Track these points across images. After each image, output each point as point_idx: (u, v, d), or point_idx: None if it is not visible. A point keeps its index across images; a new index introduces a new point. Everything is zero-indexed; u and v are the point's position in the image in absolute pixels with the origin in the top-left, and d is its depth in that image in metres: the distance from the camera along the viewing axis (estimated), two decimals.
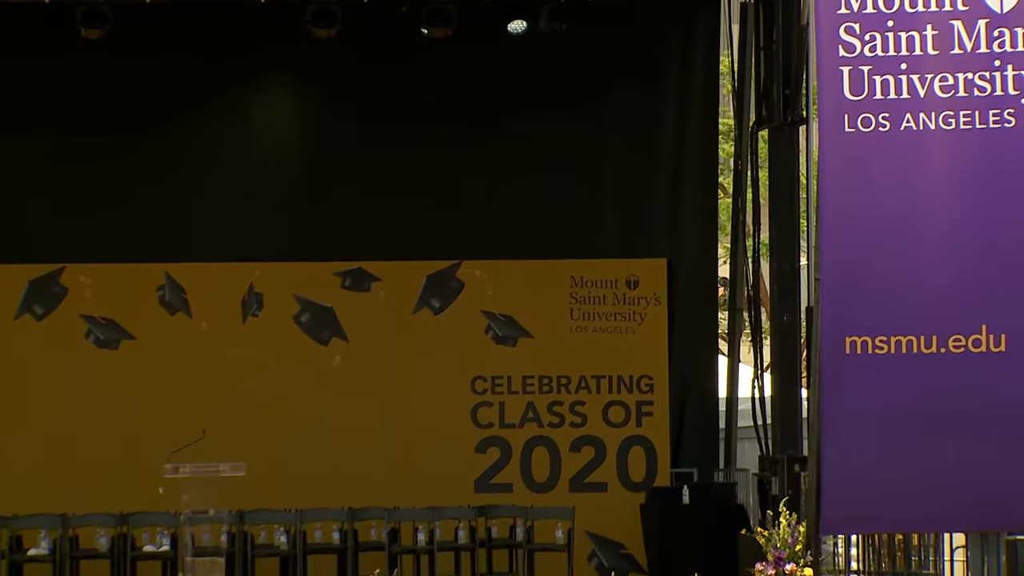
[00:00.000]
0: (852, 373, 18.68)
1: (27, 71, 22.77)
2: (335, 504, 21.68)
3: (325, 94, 23.58)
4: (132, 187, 23.09)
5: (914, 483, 18.68)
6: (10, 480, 22.13)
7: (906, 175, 18.76)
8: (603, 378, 23.60)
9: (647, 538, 22.43)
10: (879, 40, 18.78)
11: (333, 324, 23.50)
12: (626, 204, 23.83)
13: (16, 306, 23.10)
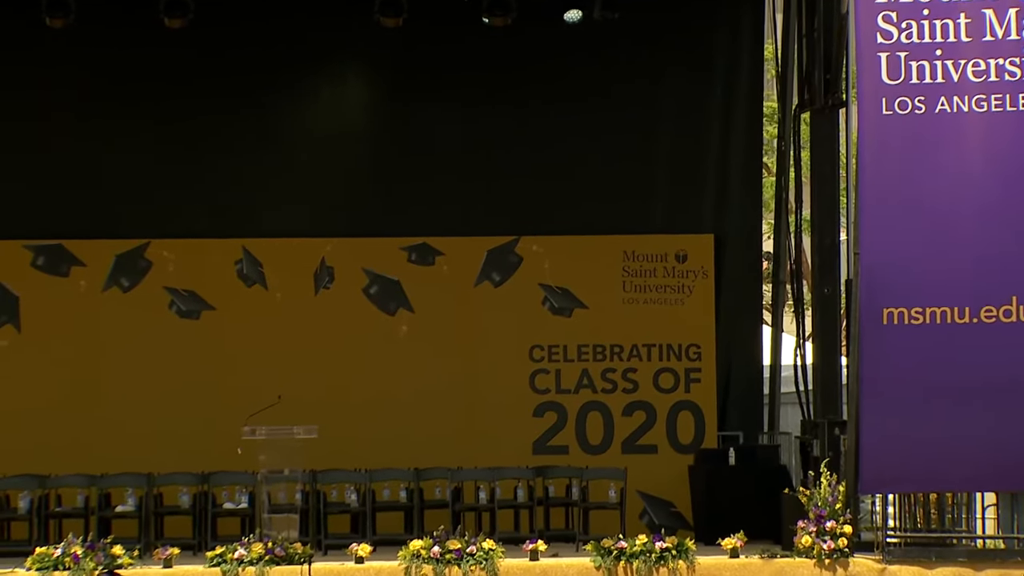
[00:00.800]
0: (889, 342, 18.66)
1: (112, 60, 22.90)
2: (402, 464, 21.71)
3: (392, 79, 23.63)
4: (212, 167, 23.20)
5: (948, 445, 18.65)
6: (98, 441, 22.30)
7: (941, 155, 18.72)
8: (653, 347, 23.62)
9: (695, 497, 22.46)
10: (915, 27, 18.74)
11: (400, 296, 23.56)
12: (675, 183, 23.83)
13: (104, 279, 23.24)
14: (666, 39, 23.44)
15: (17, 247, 23.15)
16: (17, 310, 23.16)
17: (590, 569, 19.06)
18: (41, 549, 19.05)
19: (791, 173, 23.28)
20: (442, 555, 18.93)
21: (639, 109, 23.52)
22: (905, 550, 19.50)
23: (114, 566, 18.02)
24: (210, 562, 18.90)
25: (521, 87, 23.30)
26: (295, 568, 18.56)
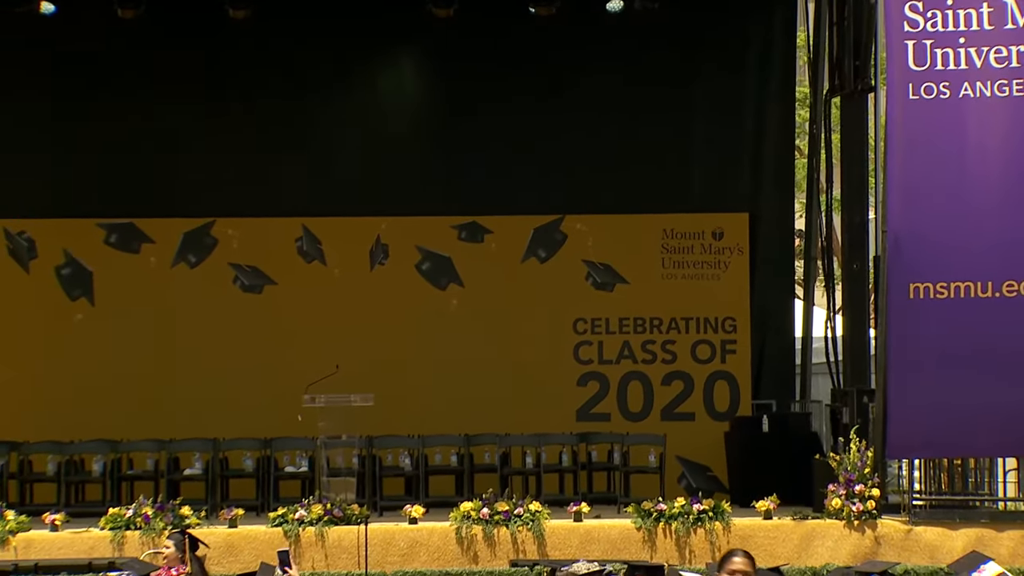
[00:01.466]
0: (916, 315, 18.63)
1: (181, 50, 22.93)
2: (453, 431, 21.75)
3: (444, 67, 23.65)
4: (274, 150, 23.24)
5: (972, 413, 18.61)
6: (167, 409, 22.41)
7: (965, 137, 18.67)
8: (691, 319, 23.63)
9: (730, 462, 22.47)
10: (939, 17, 18.69)
11: (451, 271, 23.61)
12: (712, 164, 23.83)
13: (173, 255, 23.37)
14: (703, 29, 23.41)
15: (91, 225, 23.28)
16: (91, 285, 23.29)
17: (631, 530, 19.08)
18: (114, 510, 19.15)
19: (822, 155, 23.25)
20: (491, 516, 18.98)
21: (678, 94, 23.52)
22: (930, 512, 19.48)
23: (183, 526, 18.09)
24: (272, 522, 18.98)
25: (565, 74, 23.30)
26: (352, 528, 18.61)
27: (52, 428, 21.94)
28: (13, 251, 23.23)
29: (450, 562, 18.77)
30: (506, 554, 18.81)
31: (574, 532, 19.07)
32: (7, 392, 22.60)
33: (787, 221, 24.57)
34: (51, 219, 23.23)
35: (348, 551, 18.47)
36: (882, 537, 18.93)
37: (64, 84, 23.09)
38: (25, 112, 23.05)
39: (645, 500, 19.39)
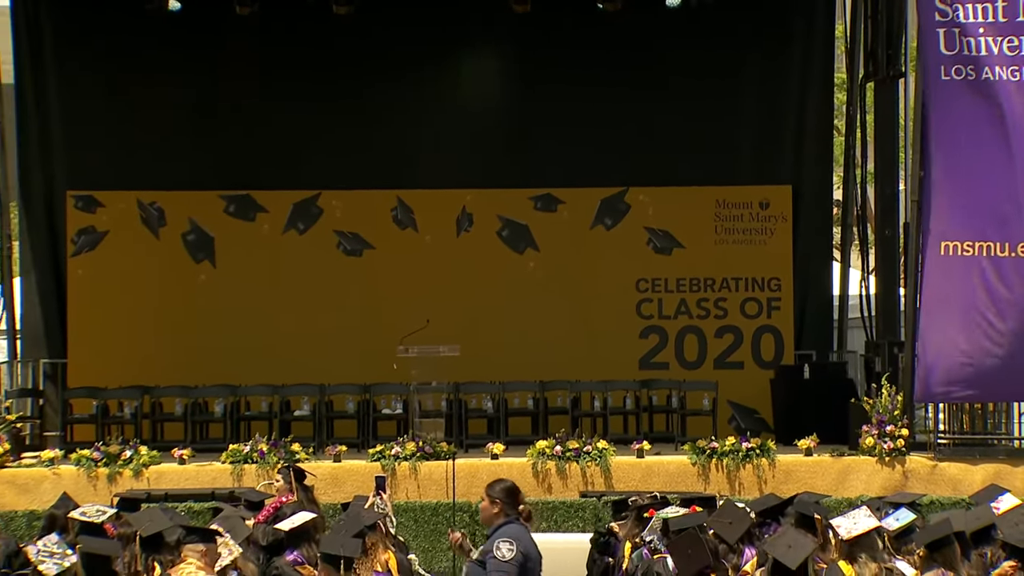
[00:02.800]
0: (945, 271, 18.57)
1: (292, 41, 22.99)
2: (529, 377, 21.80)
3: (522, 56, 23.61)
4: (373, 130, 23.21)
5: (991, 362, 18.53)
6: (280, 358, 22.48)
7: (986, 114, 18.61)
8: (740, 279, 23.56)
9: (775, 406, 22.42)
10: (961, 9, 18.66)
11: (527, 237, 23.60)
12: (759, 143, 23.69)
13: (284, 223, 23.43)
14: (751, 22, 23.26)
15: (213, 197, 23.39)
16: (213, 249, 23.41)
17: (687, 465, 19.12)
18: (233, 446, 19.36)
19: (857, 134, 23.13)
20: (563, 453, 19.05)
21: (728, 80, 23.37)
22: (953, 449, 19.44)
23: (293, 461, 18.21)
24: (371, 457, 19.13)
25: (629, 63, 23.19)
26: (441, 463, 18.73)
27: (179, 374, 22.15)
28: (145, 220, 23.35)
29: (527, 493, 18.43)
30: (576, 486, 18.89)
31: (636, 467, 19.14)
32: (140, 343, 22.77)
33: (826, 193, 24.45)
34: (178, 191, 23.31)
35: (437, 483, 18.59)
36: (910, 472, 18.92)
37: (189, 74, 23.17)
38: (156, 98, 23.14)
39: (699, 439, 19.45)
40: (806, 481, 18.64)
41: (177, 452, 19.42)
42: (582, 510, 18.04)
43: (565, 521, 18.15)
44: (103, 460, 18.97)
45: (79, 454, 19.21)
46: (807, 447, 19.34)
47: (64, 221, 23.28)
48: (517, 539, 10.63)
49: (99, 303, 23.10)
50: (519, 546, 10.59)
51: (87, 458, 19.02)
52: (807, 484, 18.36)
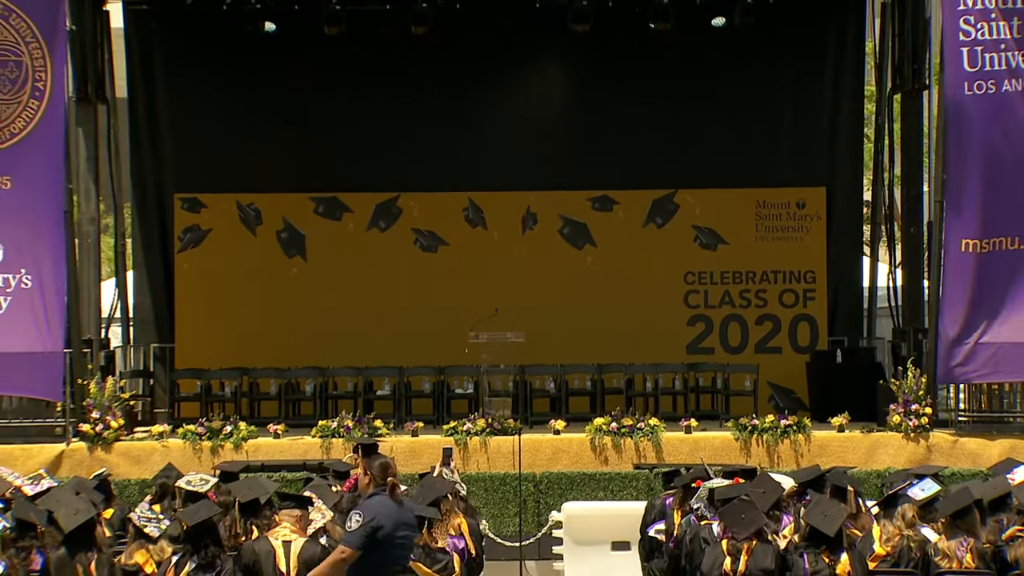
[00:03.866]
0: (965, 265, 18.47)
1: (373, 59, 23.03)
2: (588, 361, 21.85)
3: (581, 70, 23.59)
4: (447, 137, 23.27)
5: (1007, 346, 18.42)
6: (364, 343, 22.58)
7: (1006, 123, 18.49)
8: (779, 272, 23.49)
9: (811, 386, 22.33)
10: (985, 28, 18.52)
11: (586, 235, 23.61)
12: (797, 149, 23.62)
13: (367, 221, 23.51)
14: (789, 40, 23.19)
15: (304, 198, 23.50)
16: (304, 245, 23.52)
17: (730, 440, 19.06)
18: (322, 422, 19.41)
19: (885, 141, 23.01)
20: (618, 429, 19.03)
21: (768, 92, 23.31)
22: (972, 426, 19.31)
23: (376, 435, 18.27)
24: (445, 432, 19.13)
25: (678, 76, 23.15)
26: (508, 438, 18.73)
27: (274, 358, 22.29)
28: (243, 219, 23.50)
29: (585, 465, 18.84)
30: (630, 459, 18.87)
31: (684, 441, 19.09)
32: (240, 329, 22.90)
33: (857, 194, 24.35)
34: (273, 193, 23.46)
35: (505, 456, 18.59)
36: (933, 446, 18.81)
37: (282, 88, 23.25)
38: (253, 110, 23.27)
39: (742, 417, 19.39)
40: (838, 455, 18.57)
41: (272, 427, 19.50)
42: (636, 480, 18.01)
43: (621, 490, 18.13)
44: (206, 434, 19.08)
45: (185, 429, 19.32)
46: (839, 424, 19.25)
47: (172, 221, 23.47)
48: (369, 510, 10.69)
49: (203, 294, 23.28)
50: (367, 516, 10.65)
51: (192, 432, 19.14)
52: (839, 458, 18.31)
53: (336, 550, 10.72)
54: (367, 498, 10.94)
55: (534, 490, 18.18)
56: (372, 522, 10.62)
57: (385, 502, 10.78)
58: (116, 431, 18.96)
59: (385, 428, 19.12)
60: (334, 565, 10.64)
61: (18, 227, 18.47)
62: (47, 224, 18.56)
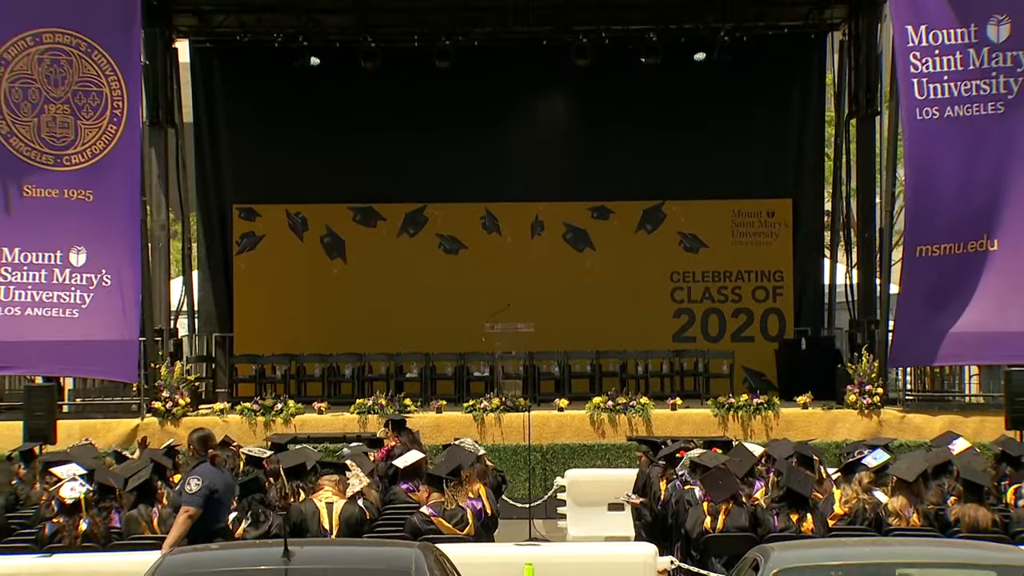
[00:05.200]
0: (911, 267, 18.46)
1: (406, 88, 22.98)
2: (587, 348, 21.86)
3: (582, 98, 23.59)
4: (467, 157, 23.25)
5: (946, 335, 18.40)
6: (395, 332, 22.53)
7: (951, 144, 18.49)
8: (752, 272, 23.51)
9: (779, 370, 22.35)
10: (929, 62, 18.49)
11: (586, 239, 23.62)
12: (768, 165, 23.63)
13: (397, 228, 23.54)
14: (761, 73, 23.10)
15: (344, 208, 23.54)
16: (344, 249, 23.56)
17: (710, 416, 19.11)
18: (359, 400, 19.51)
19: (843, 159, 22.97)
20: (613, 406, 19.08)
21: (743, 118, 23.26)
22: (917, 404, 19.37)
23: (404, 412, 18.30)
24: (465, 410, 19.20)
25: (665, 103, 23.12)
26: (519, 414, 18.77)
27: (318, 345, 22.31)
28: (292, 226, 23.54)
29: (585, 438, 18.90)
30: (624, 432, 18.92)
31: (671, 417, 19.13)
32: (289, 321, 22.92)
33: (819, 205, 24.34)
34: (317, 204, 23.49)
35: (516, 429, 18.65)
36: (884, 421, 18.84)
37: (326, 113, 23.27)
38: (300, 131, 23.29)
39: (720, 396, 19.43)
40: (803, 429, 18.60)
41: (316, 405, 19.58)
42: (628, 451, 18.01)
43: (616, 459, 18.18)
44: (260, 411, 19.15)
45: (242, 406, 19.39)
46: (804, 402, 19.28)
47: (231, 227, 23.53)
48: (203, 475, 10.75)
49: (257, 290, 23.32)
50: (204, 480, 10.70)
51: (248, 409, 19.20)
52: (804, 431, 18.33)
53: (182, 510, 10.73)
54: (195, 466, 11.02)
55: (541, 459, 18.22)
56: (209, 484, 10.69)
57: (212, 469, 10.87)
58: (183, 408, 19.05)
59: (413, 406, 19.19)
60: (183, 524, 10.67)
61: (99, 234, 18.54)
62: (124, 231, 18.62)
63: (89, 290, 18.50)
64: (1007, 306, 18.20)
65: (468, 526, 11.73)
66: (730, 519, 11.69)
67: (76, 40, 18.61)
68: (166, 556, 8.01)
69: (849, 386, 19.02)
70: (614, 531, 15.54)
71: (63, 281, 18.43)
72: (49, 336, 18.33)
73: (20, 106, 18.57)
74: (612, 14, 21.96)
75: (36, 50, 18.58)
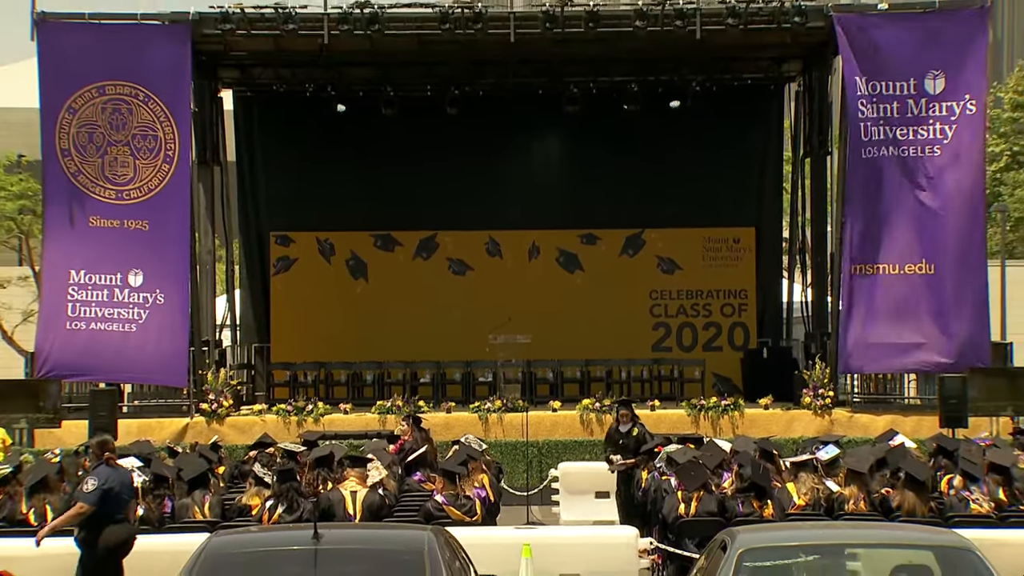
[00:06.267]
0: (858, 287, 18.51)
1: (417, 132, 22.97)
2: (578, 357, 21.79)
3: (573, 140, 23.58)
4: (473, 191, 23.23)
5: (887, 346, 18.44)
6: (410, 343, 22.34)
7: (888, 178, 18.56)
8: (720, 291, 23.50)
9: (744, 376, 22.30)
10: (871, 108, 18.61)
11: (576, 262, 23.62)
12: (734, 198, 23.59)
13: (412, 253, 23.53)
14: (728, 118, 23.13)
15: (366, 235, 23.55)
16: (366, 271, 23.55)
17: (684, 416, 19.13)
18: (379, 402, 19.51)
19: (799, 192, 22.98)
20: (600, 408, 19.07)
21: (713, 158, 23.24)
22: (863, 405, 19.39)
23: (418, 411, 18.28)
24: (471, 410, 19.20)
25: (645, 144, 23.13)
26: (519, 414, 18.76)
27: (344, 354, 22.22)
28: (321, 251, 23.53)
29: (576, 434, 18.91)
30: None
31: (650, 417, 18.93)
32: (318, 333, 22.84)
33: (778, 232, 24.36)
34: (343, 231, 23.46)
35: (516, 428, 18.65)
36: (835, 420, 18.84)
37: (350, 153, 23.29)
38: (327, 168, 23.31)
39: (693, 398, 19.43)
40: (763, 426, 18.59)
41: (342, 406, 19.58)
42: None
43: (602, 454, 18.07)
44: (293, 411, 19.15)
45: (278, 407, 19.40)
46: (765, 404, 19.29)
47: (268, 252, 23.54)
48: (100, 476, 10.76)
49: (291, 306, 23.32)
50: (99, 481, 10.70)
51: (283, 410, 19.21)
52: (764, 428, 18.33)
53: (75, 506, 10.71)
54: (94, 468, 11.00)
55: (537, 453, 18.20)
56: (104, 485, 10.68)
57: (108, 469, 10.86)
58: (227, 409, 19.07)
59: (426, 407, 19.16)
60: (71, 517, 10.66)
61: (154, 258, 18.62)
62: (175, 256, 18.71)
63: (145, 307, 18.55)
64: (942, 321, 18.25)
65: (476, 515, 11.74)
66: (701, 505, 11.71)
67: (135, 91, 18.73)
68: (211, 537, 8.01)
69: (804, 390, 19.03)
70: (601, 516, 15.52)
71: (122, 299, 18.51)
72: (110, 347, 18.40)
73: (86, 148, 18.70)
74: (599, 67, 22.01)
75: (100, 100, 18.71)
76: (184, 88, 18.94)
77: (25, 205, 29.24)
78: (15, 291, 27.83)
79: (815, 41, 19.97)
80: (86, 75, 18.68)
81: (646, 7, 19.36)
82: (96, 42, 18.72)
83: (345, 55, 20.80)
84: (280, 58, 21.47)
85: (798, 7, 19.13)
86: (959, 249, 18.35)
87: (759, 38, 19.95)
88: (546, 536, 11.87)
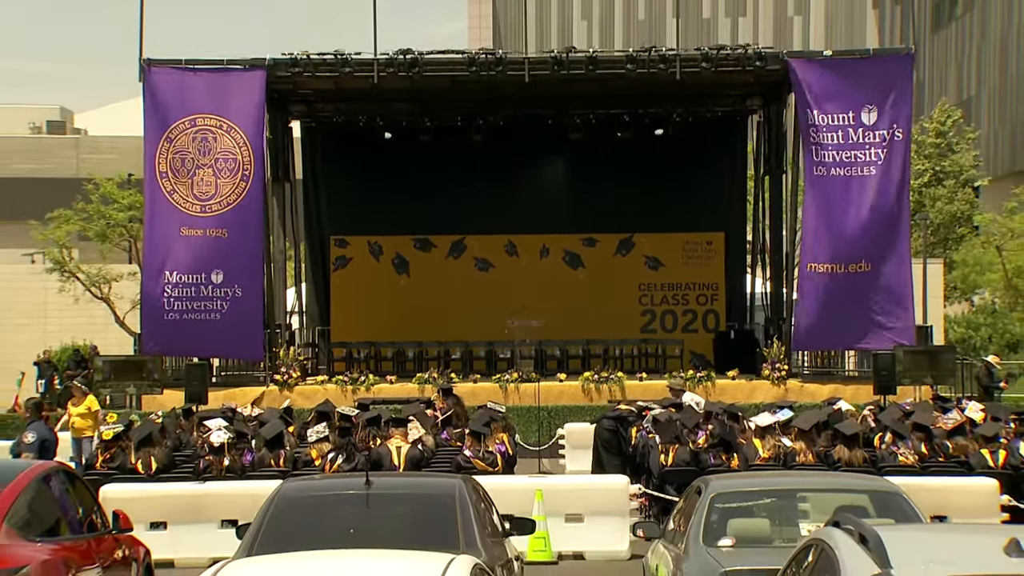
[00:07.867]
0: (810, 281, 18.48)
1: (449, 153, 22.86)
2: (580, 337, 21.75)
3: (576, 159, 23.40)
4: (494, 202, 23.10)
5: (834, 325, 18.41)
6: (444, 326, 22.15)
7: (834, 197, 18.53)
8: (696, 283, 23.41)
9: (715, 353, 22.15)
10: (823, 136, 18.56)
11: (579, 261, 23.53)
12: (707, 209, 23.43)
13: (446, 253, 23.46)
14: (702, 143, 22.98)
15: (408, 239, 23.50)
16: (408, 268, 23.51)
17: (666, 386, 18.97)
18: (419, 374, 19.55)
19: (760, 203, 22.91)
20: (598, 379, 19.08)
21: (691, 175, 23.13)
22: (812, 376, 19.41)
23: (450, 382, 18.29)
24: (493, 381, 19.24)
25: (635, 164, 23.00)
26: (532, 384, 18.82)
27: (390, 335, 22.25)
28: (371, 252, 23.50)
29: (578, 401, 18.95)
30: (606, 397, 18.94)
31: (639, 386, 19.13)
32: (369, 318, 22.76)
33: (743, 236, 24.17)
34: (389, 235, 23.39)
35: (530, 395, 18.69)
36: (789, 389, 18.84)
37: (394, 171, 23.19)
38: (376, 183, 23.20)
39: (674, 371, 19.41)
40: (730, 394, 18.56)
41: (388, 377, 19.67)
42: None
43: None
44: (349, 381, 19.24)
45: (337, 378, 19.50)
46: (732, 376, 19.29)
47: (329, 253, 23.54)
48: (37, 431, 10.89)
49: (347, 297, 23.31)
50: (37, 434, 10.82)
51: (341, 380, 19.31)
52: (731, 396, 18.28)
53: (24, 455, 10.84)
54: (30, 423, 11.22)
55: (547, 416, 18.24)
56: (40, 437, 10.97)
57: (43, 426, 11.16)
58: (295, 379, 19.17)
59: (456, 378, 19.20)
60: None
61: (233, 259, 18.75)
62: (250, 257, 18.84)
63: (227, 300, 18.72)
64: (876, 308, 18.27)
65: (498, 467, 11.79)
66: (677, 455, 11.77)
67: (220, 122, 18.83)
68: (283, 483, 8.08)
69: (764, 364, 19.05)
70: None
71: (207, 294, 18.66)
72: (201, 331, 18.56)
73: (179, 171, 18.81)
74: (597, 102, 21.99)
75: (192, 130, 18.82)
76: (260, 120, 19.05)
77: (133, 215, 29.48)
78: (126, 284, 28.12)
79: (773, 80, 19.96)
80: (181, 110, 18.82)
81: (636, 53, 19.55)
82: (190, 83, 18.86)
83: (391, 92, 20.83)
84: (338, 95, 21.53)
85: (759, 53, 19.31)
86: (890, 251, 18.34)
87: (728, 78, 19.99)
88: (554, 483, 11.93)
